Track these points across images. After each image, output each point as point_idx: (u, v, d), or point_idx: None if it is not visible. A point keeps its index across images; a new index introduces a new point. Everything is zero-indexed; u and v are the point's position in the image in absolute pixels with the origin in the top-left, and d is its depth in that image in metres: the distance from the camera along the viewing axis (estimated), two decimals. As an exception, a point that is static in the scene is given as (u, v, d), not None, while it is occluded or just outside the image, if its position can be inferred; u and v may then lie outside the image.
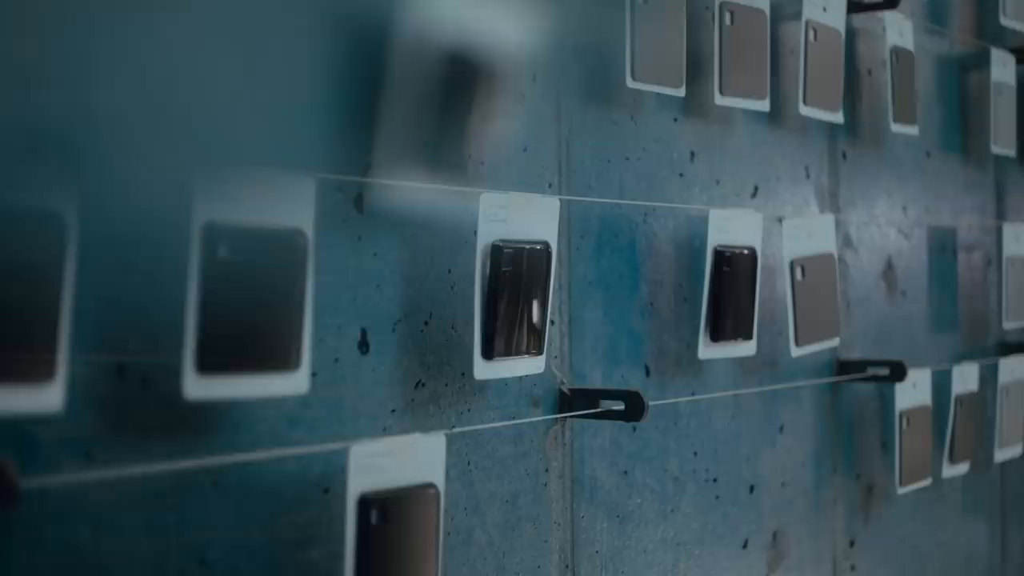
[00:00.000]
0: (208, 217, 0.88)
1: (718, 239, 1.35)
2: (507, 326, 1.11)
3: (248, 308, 0.92)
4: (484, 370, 1.10)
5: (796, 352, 1.46)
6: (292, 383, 0.95)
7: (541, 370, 1.16)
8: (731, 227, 1.37)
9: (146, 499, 0.91)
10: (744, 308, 1.38)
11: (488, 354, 1.10)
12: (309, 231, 0.95)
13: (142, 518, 0.91)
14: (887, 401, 1.67)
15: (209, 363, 0.89)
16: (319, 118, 0.99)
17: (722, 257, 1.34)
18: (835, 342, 1.54)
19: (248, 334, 0.92)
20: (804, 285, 1.47)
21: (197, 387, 0.89)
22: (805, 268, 1.47)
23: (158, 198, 0.89)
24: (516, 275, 1.10)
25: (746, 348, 1.39)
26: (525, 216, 1.12)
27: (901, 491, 1.64)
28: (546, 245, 1.13)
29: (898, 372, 1.60)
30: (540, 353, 1.15)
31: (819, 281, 1.50)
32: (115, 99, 0.86)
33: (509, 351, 1.11)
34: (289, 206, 0.94)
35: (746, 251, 1.38)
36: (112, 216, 0.86)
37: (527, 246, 1.11)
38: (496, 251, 1.09)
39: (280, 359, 0.94)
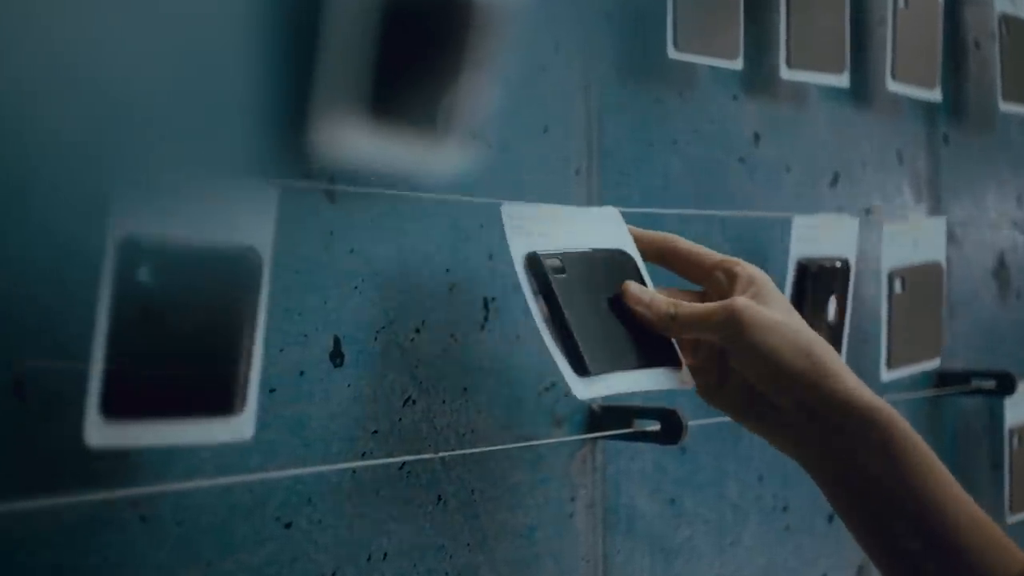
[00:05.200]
0: (128, 231, 0.73)
1: (803, 250, 1.17)
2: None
3: (174, 342, 0.76)
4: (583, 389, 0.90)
5: (887, 376, 1.28)
6: (230, 429, 0.78)
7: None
8: (819, 236, 1.19)
9: (55, 537, 0.77)
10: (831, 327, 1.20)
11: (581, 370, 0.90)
12: (265, 248, 0.79)
13: (48, 559, 0.77)
14: (996, 416, 1.48)
15: (117, 407, 0.73)
16: (278, 105, 0.84)
17: (806, 272, 1.17)
18: (935, 363, 1.35)
19: (172, 373, 0.76)
20: (903, 299, 1.28)
21: (101, 434, 0.73)
22: (906, 280, 1.29)
23: (66, 208, 0.75)
24: (584, 282, 0.92)
25: None
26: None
27: (1011, 519, 1.44)
28: (618, 251, 0.96)
29: (1006, 384, 1.41)
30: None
31: (922, 295, 1.31)
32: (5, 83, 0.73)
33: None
34: (241, 219, 0.78)
35: (838, 263, 1.20)
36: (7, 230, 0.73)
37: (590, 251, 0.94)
38: (534, 261, 0.91)
39: (215, 402, 0.78)
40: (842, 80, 1.26)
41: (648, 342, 0.93)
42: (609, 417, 1.06)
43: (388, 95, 0.77)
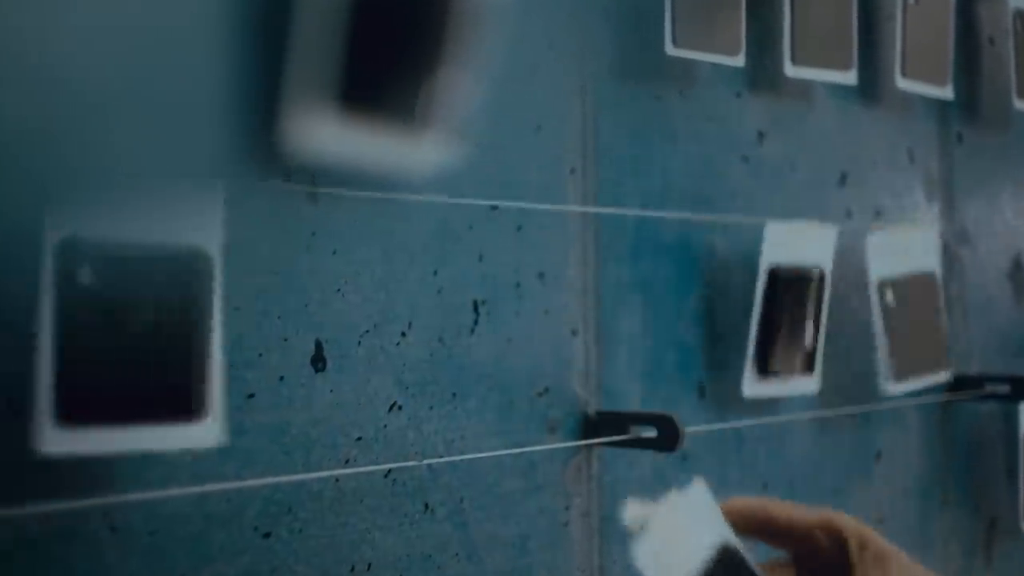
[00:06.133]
0: (68, 232, 0.70)
1: (775, 257, 1.14)
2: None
3: (126, 346, 0.73)
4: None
5: (895, 389, 1.24)
6: (195, 435, 0.76)
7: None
8: (794, 242, 1.16)
9: (19, 550, 0.75)
10: (803, 336, 1.17)
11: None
12: (214, 249, 0.76)
13: (11, 573, 0.75)
14: (1011, 422, 1.44)
15: (72, 413, 0.71)
16: (249, 100, 0.81)
17: (776, 280, 1.14)
18: (944, 375, 1.32)
19: (127, 378, 0.73)
20: (898, 311, 1.25)
21: (57, 440, 0.71)
22: (897, 291, 1.25)
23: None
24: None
25: (804, 384, 1.18)
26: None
27: (1027, 528, 1.41)
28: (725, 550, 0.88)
29: (1021, 389, 1.37)
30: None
31: (917, 305, 1.27)
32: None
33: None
34: (186, 219, 0.76)
35: (814, 271, 1.16)
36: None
37: None
38: None
39: (175, 408, 0.75)
40: (849, 77, 1.22)
41: None
42: (605, 423, 1.03)
43: (364, 88, 0.74)
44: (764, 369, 1.13)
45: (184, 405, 0.75)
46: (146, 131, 0.74)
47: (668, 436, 1.00)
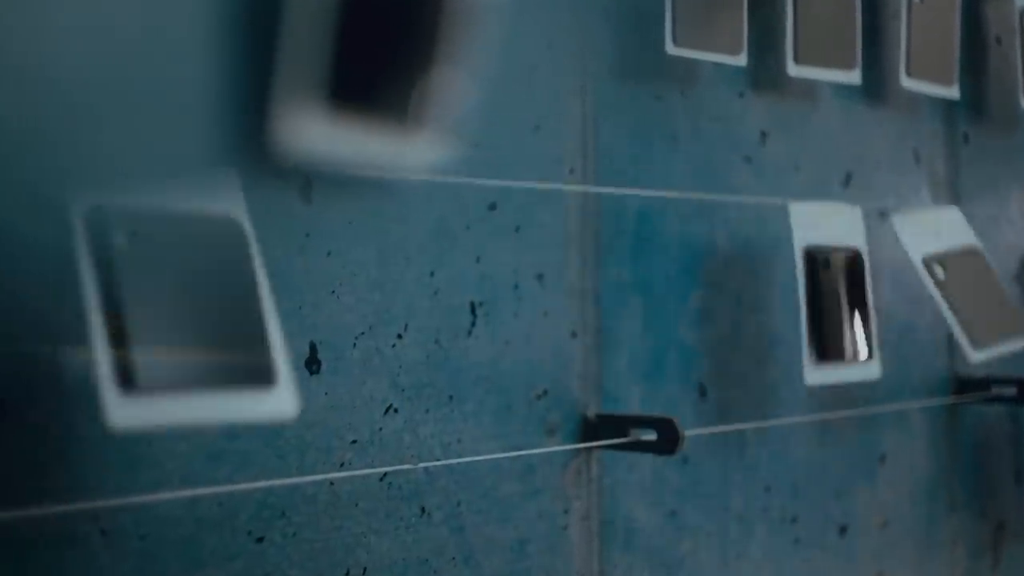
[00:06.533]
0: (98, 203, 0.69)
1: (807, 238, 1.12)
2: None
3: (184, 310, 0.71)
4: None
5: (978, 357, 1.21)
6: (270, 403, 0.72)
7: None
8: (821, 223, 1.15)
9: (8, 552, 0.74)
10: (854, 318, 1.15)
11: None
12: (243, 218, 0.76)
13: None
14: (1018, 425, 1.43)
15: (136, 378, 0.67)
16: (241, 97, 0.81)
17: (816, 261, 1.11)
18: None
19: (190, 342, 0.71)
20: (950, 283, 1.22)
21: (125, 413, 0.66)
22: (946, 265, 1.22)
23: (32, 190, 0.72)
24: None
25: (867, 370, 1.16)
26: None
27: (1034, 531, 1.40)
28: None
29: (1027, 392, 1.36)
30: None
31: (972, 275, 1.25)
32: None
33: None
34: (212, 191, 0.75)
35: (849, 253, 1.15)
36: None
37: None
38: None
39: (248, 373, 0.71)
40: (853, 77, 1.21)
41: None
42: (604, 426, 1.02)
43: (355, 86, 0.73)
44: (823, 355, 1.10)
45: (259, 370, 0.71)
46: (136, 130, 0.73)
47: (668, 439, 0.99)
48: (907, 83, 1.27)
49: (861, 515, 1.27)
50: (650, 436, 1.01)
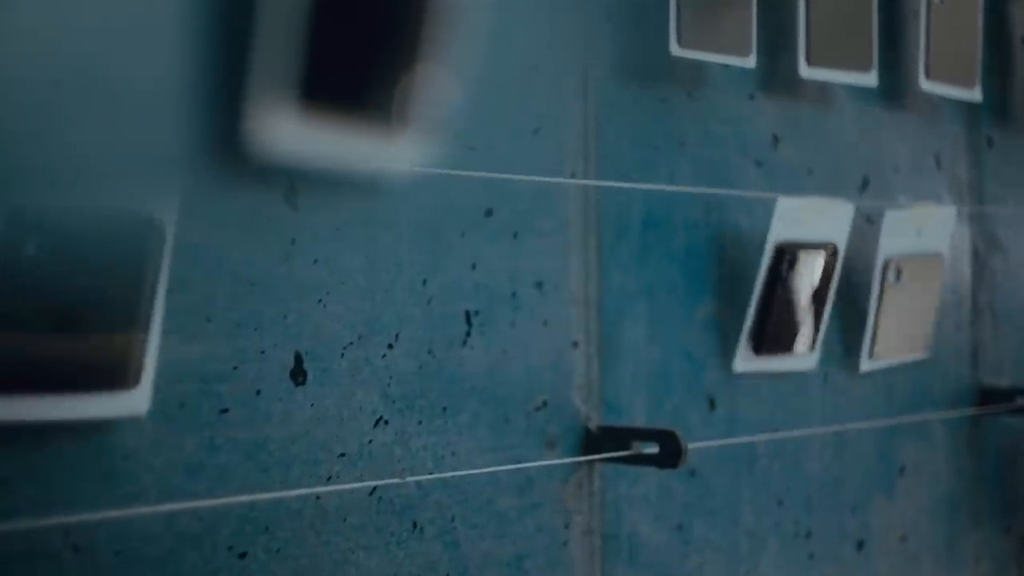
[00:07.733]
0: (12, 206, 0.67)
1: (784, 233, 1.09)
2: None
3: (55, 311, 0.70)
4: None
5: (866, 366, 1.19)
6: (123, 403, 0.74)
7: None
8: (806, 219, 1.11)
9: (-24, 569, 0.72)
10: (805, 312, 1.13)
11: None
12: (169, 219, 0.73)
13: (-33, 594, 0.72)
14: (1045, 437, 1.39)
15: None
16: (197, 100, 0.78)
17: (782, 256, 1.09)
18: (920, 355, 1.26)
19: (56, 345, 0.70)
20: (897, 290, 1.20)
21: None
22: (902, 270, 1.20)
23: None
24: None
25: (803, 361, 1.13)
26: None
27: (1061, 546, 1.35)
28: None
29: (1053, 403, 1.32)
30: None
31: (918, 287, 1.23)
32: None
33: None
34: (142, 191, 0.72)
35: (825, 247, 1.12)
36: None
37: None
38: None
39: (105, 376, 0.73)
40: (869, 79, 1.18)
41: None
42: (606, 438, 0.99)
43: (333, 86, 0.70)
44: (759, 346, 1.09)
45: (117, 373, 0.72)
46: (107, 129, 0.71)
47: (671, 452, 0.96)
48: (927, 85, 1.23)
49: (879, 529, 1.23)
50: (653, 449, 0.98)
